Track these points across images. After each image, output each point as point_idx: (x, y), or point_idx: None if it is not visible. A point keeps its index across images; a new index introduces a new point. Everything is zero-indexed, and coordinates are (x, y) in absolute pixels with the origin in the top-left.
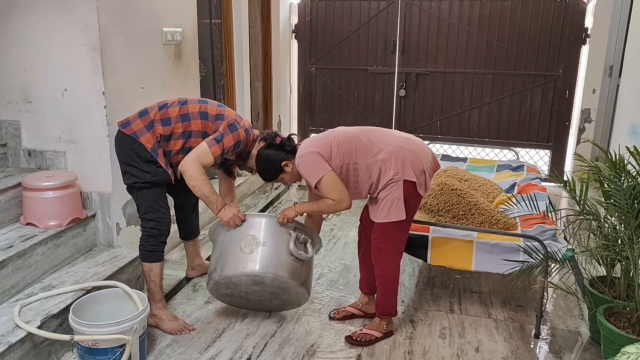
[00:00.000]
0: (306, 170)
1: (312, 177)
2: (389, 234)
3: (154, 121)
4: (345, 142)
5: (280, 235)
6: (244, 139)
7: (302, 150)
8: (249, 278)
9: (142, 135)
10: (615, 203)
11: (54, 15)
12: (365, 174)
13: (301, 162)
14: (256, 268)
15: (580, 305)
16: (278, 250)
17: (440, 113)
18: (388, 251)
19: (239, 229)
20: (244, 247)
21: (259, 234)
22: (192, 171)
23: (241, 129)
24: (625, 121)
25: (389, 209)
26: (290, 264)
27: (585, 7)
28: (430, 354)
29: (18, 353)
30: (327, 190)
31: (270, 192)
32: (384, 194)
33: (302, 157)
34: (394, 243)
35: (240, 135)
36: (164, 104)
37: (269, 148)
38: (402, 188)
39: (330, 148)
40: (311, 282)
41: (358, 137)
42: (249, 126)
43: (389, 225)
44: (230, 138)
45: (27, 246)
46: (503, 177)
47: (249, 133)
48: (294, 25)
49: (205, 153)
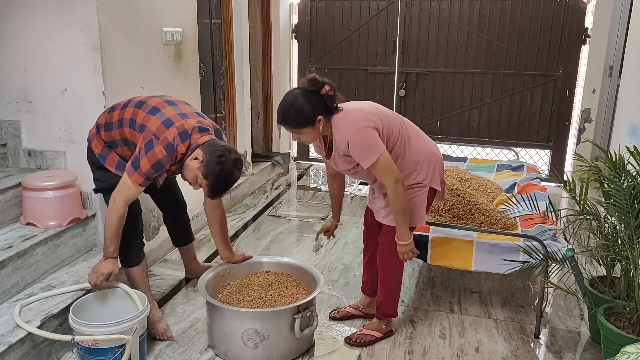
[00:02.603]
0: (362, 148)
1: (367, 156)
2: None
3: (99, 126)
4: (389, 126)
5: (285, 321)
6: (166, 158)
7: (355, 121)
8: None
9: (92, 141)
10: (615, 203)
11: (54, 15)
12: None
13: (356, 137)
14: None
15: (580, 305)
16: (283, 339)
17: (440, 113)
18: (394, 254)
19: (235, 321)
20: (247, 342)
21: (259, 326)
22: (112, 205)
23: (159, 146)
24: (625, 121)
25: (409, 214)
26: (297, 344)
27: (585, 7)
28: (430, 354)
29: (18, 353)
30: (383, 172)
31: (271, 192)
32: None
33: (358, 132)
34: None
35: (156, 155)
36: (112, 108)
37: (311, 93)
38: (427, 195)
39: (382, 125)
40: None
41: (400, 126)
42: (175, 136)
43: (393, 228)
44: (145, 161)
45: (27, 246)
46: (503, 177)
47: (172, 148)
48: (294, 25)
49: (125, 186)
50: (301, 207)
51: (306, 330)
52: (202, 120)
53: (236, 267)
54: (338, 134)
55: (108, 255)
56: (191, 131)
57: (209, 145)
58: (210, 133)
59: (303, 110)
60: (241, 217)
